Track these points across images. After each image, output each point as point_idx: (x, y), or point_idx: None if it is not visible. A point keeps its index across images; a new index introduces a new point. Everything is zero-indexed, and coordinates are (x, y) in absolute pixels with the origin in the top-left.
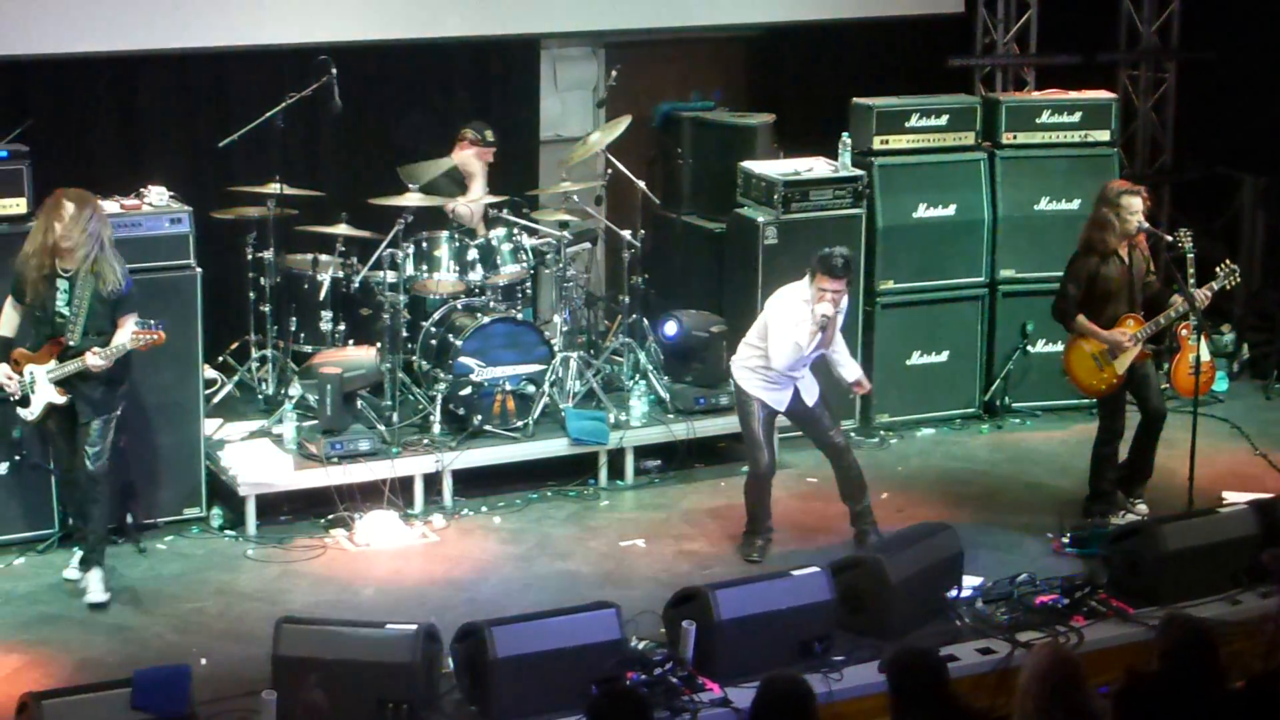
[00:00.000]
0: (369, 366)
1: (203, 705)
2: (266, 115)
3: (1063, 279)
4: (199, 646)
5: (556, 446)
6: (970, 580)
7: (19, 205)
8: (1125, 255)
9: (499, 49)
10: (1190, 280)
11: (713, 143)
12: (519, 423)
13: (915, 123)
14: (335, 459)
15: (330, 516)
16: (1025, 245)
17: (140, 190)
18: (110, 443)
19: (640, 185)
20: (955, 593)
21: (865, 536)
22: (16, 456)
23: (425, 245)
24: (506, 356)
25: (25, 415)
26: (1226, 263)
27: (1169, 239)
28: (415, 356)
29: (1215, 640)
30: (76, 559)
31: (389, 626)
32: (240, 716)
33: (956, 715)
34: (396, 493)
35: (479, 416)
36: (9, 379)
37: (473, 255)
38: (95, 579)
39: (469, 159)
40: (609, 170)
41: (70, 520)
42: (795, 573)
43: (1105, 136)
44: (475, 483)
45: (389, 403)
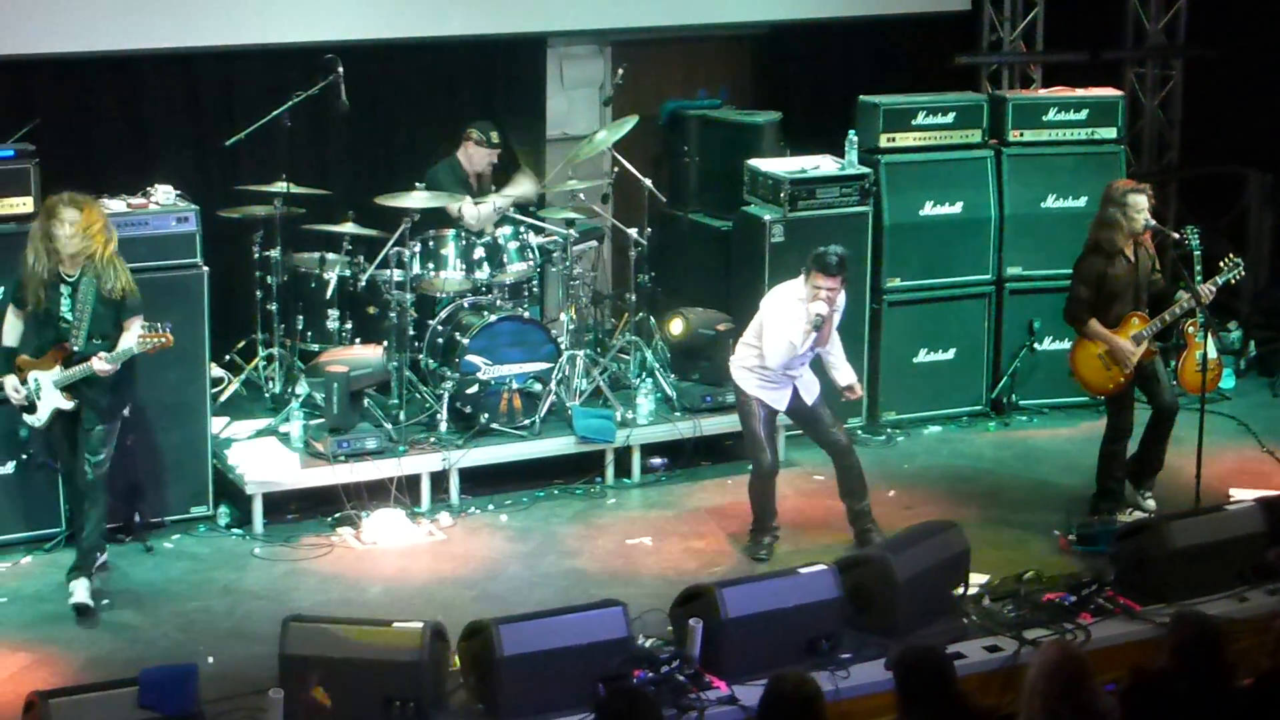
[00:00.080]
0: (376, 365)
1: (209, 704)
2: (273, 114)
3: (1072, 281)
4: (206, 645)
5: (563, 445)
6: (977, 578)
7: (25, 204)
8: (1131, 254)
9: (505, 47)
10: (1197, 277)
11: (719, 141)
12: (526, 421)
13: (922, 120)
14: (342, 457)
15: (337, 515)
16: (1032, 243)
17: (147, 189)
18: (111, 451)
19: (646, 183)
20: (962, 590)
21: (867, 536)
22: (23, 455)
23: (432, 244)
24: (513, 355)
25: (32, 422)
26: (1230, 256)
27: (1175, 236)
28: (422, 355)
29: (1224, 638)
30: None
31: (396, 625)
32: (247, 715)
33: (963, 713)
34: (403, 491)
35: (486, 415)
36: (15, 391)
37: (479, 254)
38: (81, 586)
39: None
40: (615, 168)
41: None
42: (802, 570)
43: (1112, 134)
44: (482, 481)
45: (396, 401)
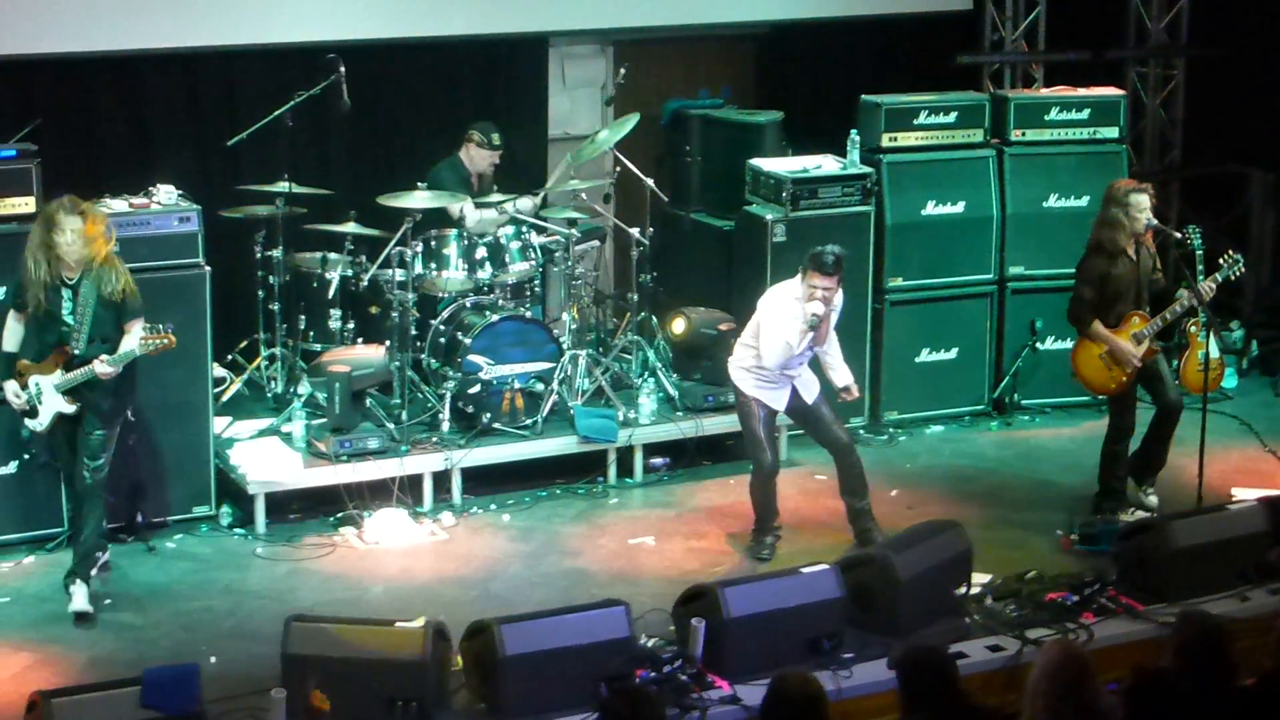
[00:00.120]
0: (378, 365)
1: (212, 704)
2: (275, 114)
3: (1075, 282)
4: (208, 645)
5: (565, 444)
6: (979, 577)
7: (27, 204)
8: (1133, 253)
9: (507, 47)
10: (1199, 277)
11: (721, 140)
12: (528, 420)
13: (924, 120)
14: (344, 457)
15: (339, 515)
16: (1034, 242)
17: (149, 189)
18: (110, 456)
19: (648, 183)
20: (964, 590)
21: (868, 535)
22: (25, 455)
23: (434, 243)
24: (515, 354)
25: (34, 426)
26: (1230, 253)
27: (1177, 236)
28: (424, 355)
29: (1228, 637)
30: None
31: (398, 624)
32: (249, 715)
33: (966, 713)
34: (405, 491)
35: (488, 414)
36: (16, 396)
37: (481, 253)
38: (80, 592)
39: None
40: (617, 168)
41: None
42: (804, 570)
43: (1114, 133)
44: (484, 481)
45: (398, 401)
